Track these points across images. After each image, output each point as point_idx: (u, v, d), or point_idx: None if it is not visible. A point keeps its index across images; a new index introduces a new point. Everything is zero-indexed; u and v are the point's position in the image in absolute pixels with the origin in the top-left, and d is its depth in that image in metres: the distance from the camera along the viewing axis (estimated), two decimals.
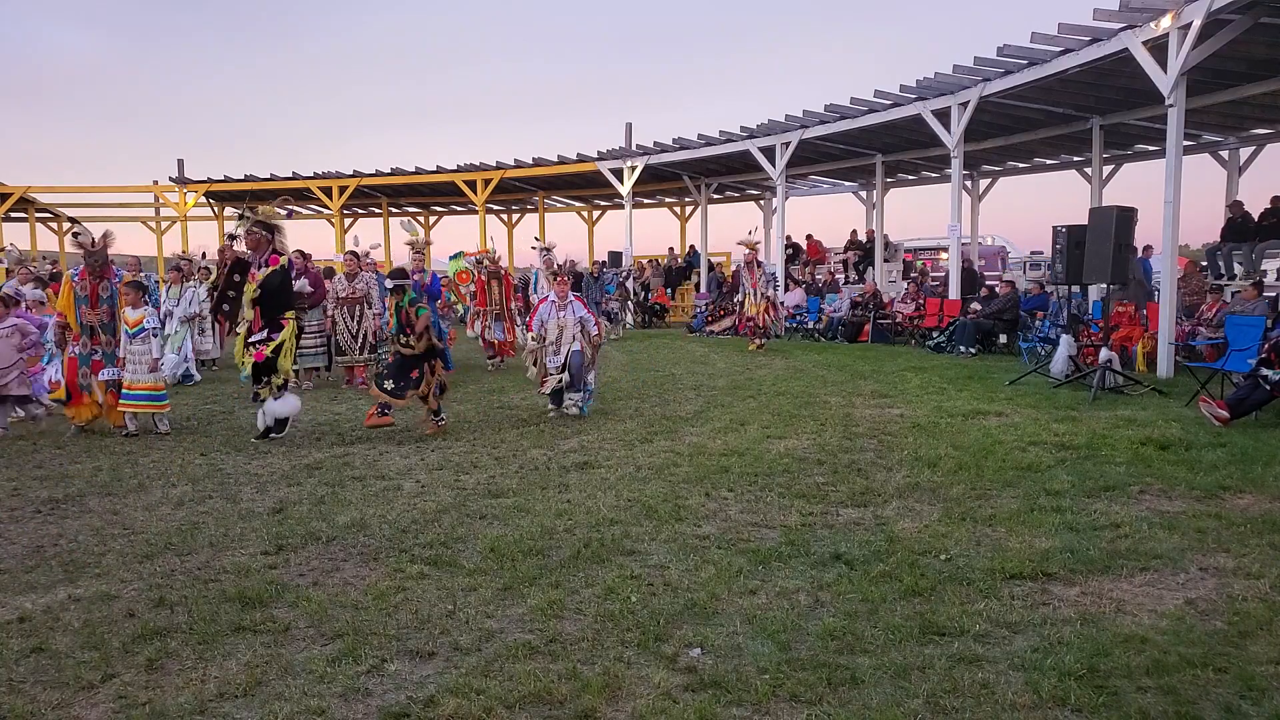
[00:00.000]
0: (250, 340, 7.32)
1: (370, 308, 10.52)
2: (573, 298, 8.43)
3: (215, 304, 7.85)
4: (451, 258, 15.26)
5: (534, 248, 16.62)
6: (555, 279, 8.78)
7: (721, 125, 26.81)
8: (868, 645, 3.30)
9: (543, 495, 5.49)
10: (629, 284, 20.65)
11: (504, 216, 28.05)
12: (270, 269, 7.27)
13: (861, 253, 21.11)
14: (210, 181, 23.79)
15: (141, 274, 10.16)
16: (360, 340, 10.57)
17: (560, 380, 8.17)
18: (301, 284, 9.07)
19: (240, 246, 7.75)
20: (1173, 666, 3.07)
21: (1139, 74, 10.56)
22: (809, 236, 22.89)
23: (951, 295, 14.93)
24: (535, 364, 8.40)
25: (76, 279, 7.88)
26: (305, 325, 10.03)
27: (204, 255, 13.11)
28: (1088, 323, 12.02)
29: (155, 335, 7.70)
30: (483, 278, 12.61)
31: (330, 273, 11.60)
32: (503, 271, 12.87)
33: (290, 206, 8.00)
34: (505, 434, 7.49)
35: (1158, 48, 10.09)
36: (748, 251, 13.84)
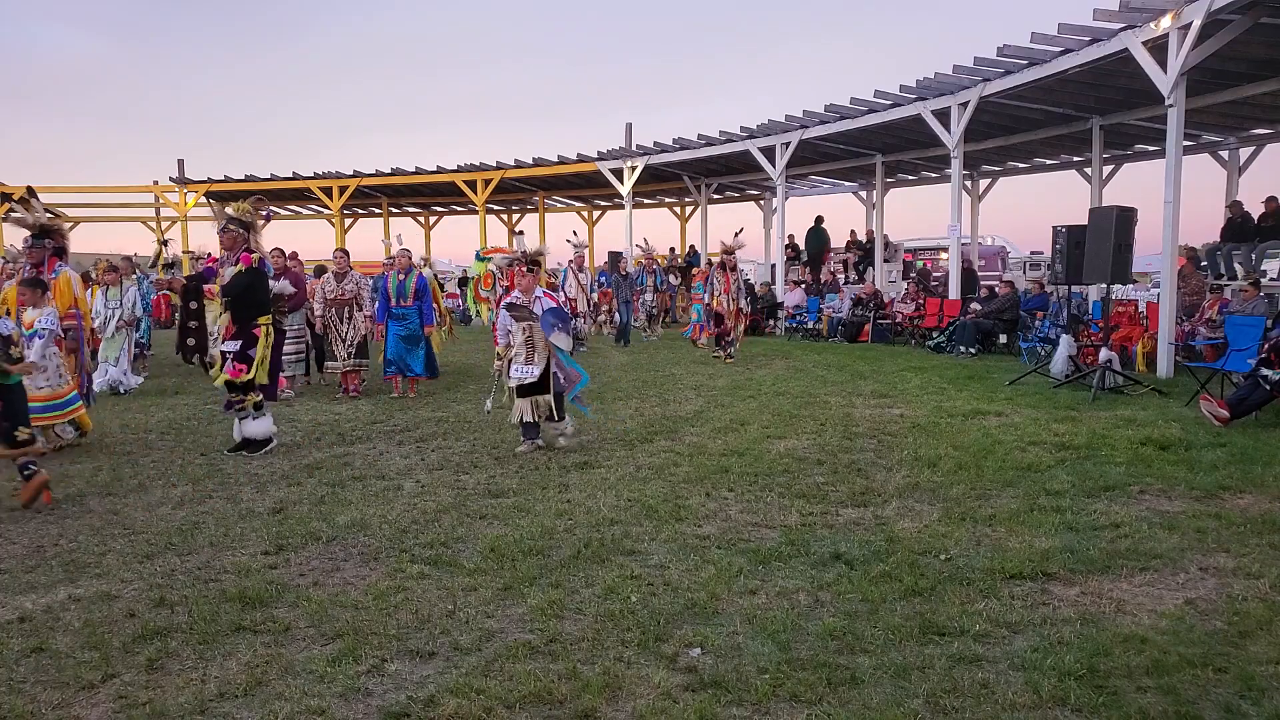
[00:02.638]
0: (223, 349, 6.90)
1: (360, 310, 9.89)
2: (540, 293, 6.85)
3: (179, 343, 7.21)
4: (478, 259, 14.71)
5: (569, 241, 16.42)
6: (509, 268, 7.31)
7: (721, 125, 26.82)
8: (868, 645, 3.30)
9: (543, 495, 5.49)
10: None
11: (504, 216, 28.07)
12: (238, 268, 6.74)
13: (861, 253, 21.12)
14: (210, 181, 23.80)
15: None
16: (350, 345, 9.88)
17: (534, 410, 6.75)
18: (282, 285, 8.55)
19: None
20: (1173, 666, 3.07)
21: (1139, 74, 10.57)
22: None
23: (951, 295, 14.94)
24: (500, 379, 6.91)
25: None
26: (286, 329, 9.65)
27: (209, 256, 12.95)
28: (1087, 323, 12.03)
29: (40, 337, 6.77)
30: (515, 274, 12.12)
31: (322, 271, 11.09)
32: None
33: (269, 208, 7.58)
34: (505, 434, 7.48)
35: (1158, 48, 10.09)
36: (732, 255, 12.87)
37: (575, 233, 16.34)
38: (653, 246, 18.28)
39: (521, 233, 7.69)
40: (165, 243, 11.27)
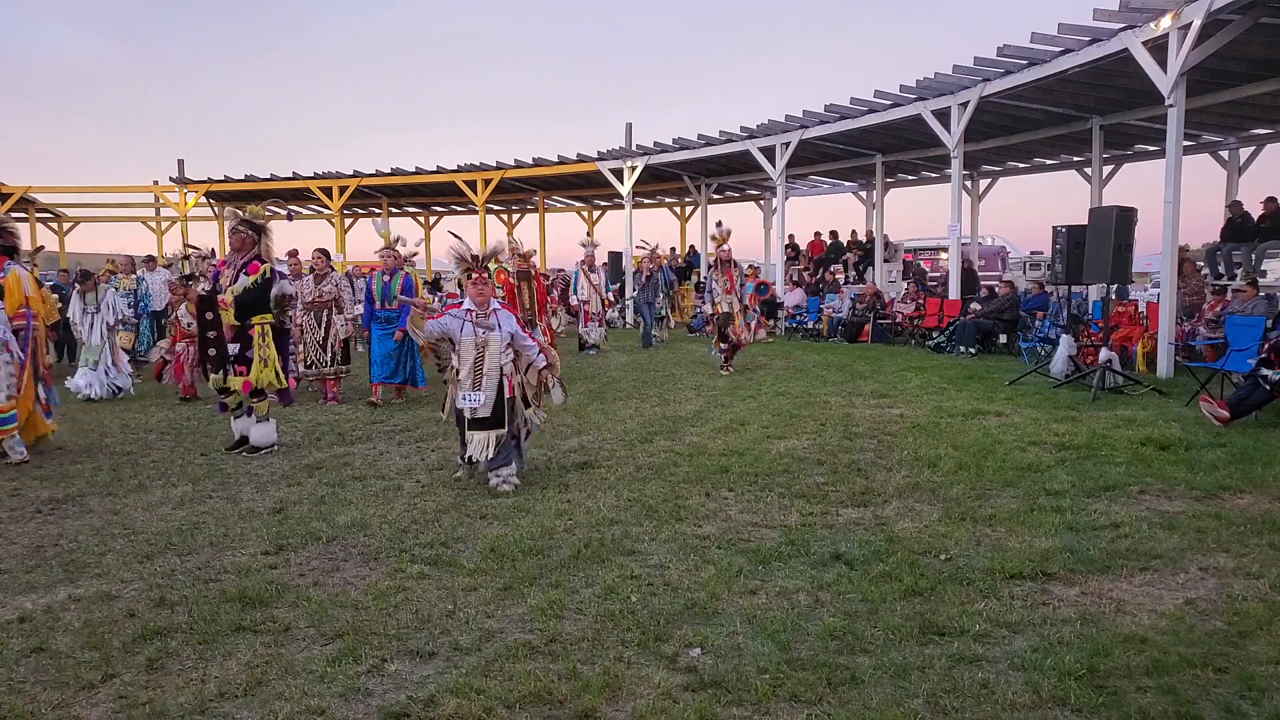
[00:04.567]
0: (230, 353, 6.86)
1: (340, 313, 9.44)
2: (497, 305, 5.84)
3: (200, 356, 7.22)
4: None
5: (583, 244, 16.17)
6: (471, 278, 5.81)
7: (721, 125, 26.84)
8: (868, 645, 3.30)
9: (543, 495, 5.49)
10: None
11: (504, 217, 28.08)
12: (250, 277, 6.72)
13: (861, 253, 21.12)
14: (210, 181, 23.79)
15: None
16: (329, 350, 9.39)
17: (493, 445, 5.71)
18: (282, 285, 8.22)
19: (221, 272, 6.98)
20: (1172, 666, 3.07)
21: (1139, 74, 10.57)
22: (817, 234, 22.77)
23: (951, 295, 14.94)
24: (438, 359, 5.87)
25: None
26: (288, 327, 9.35)
27: (213, 252, 12.79)
28: (1087, 323, 12.03)
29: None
30: (510, 279, 10.93)
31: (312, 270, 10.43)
32: (533, 271, 11.28)
33: (289, 207, 7.55)
34: None
35: (1158, 48, 10.10)
36: (725, 248, 11.33)
37: (588, 233, 16.17)
38: (655, 243, 17.66)
39: (457, 235, 6.46)
40: (188, 257, 11.07)
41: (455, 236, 6.18)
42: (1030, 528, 4.63)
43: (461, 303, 5.86)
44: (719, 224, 11.66)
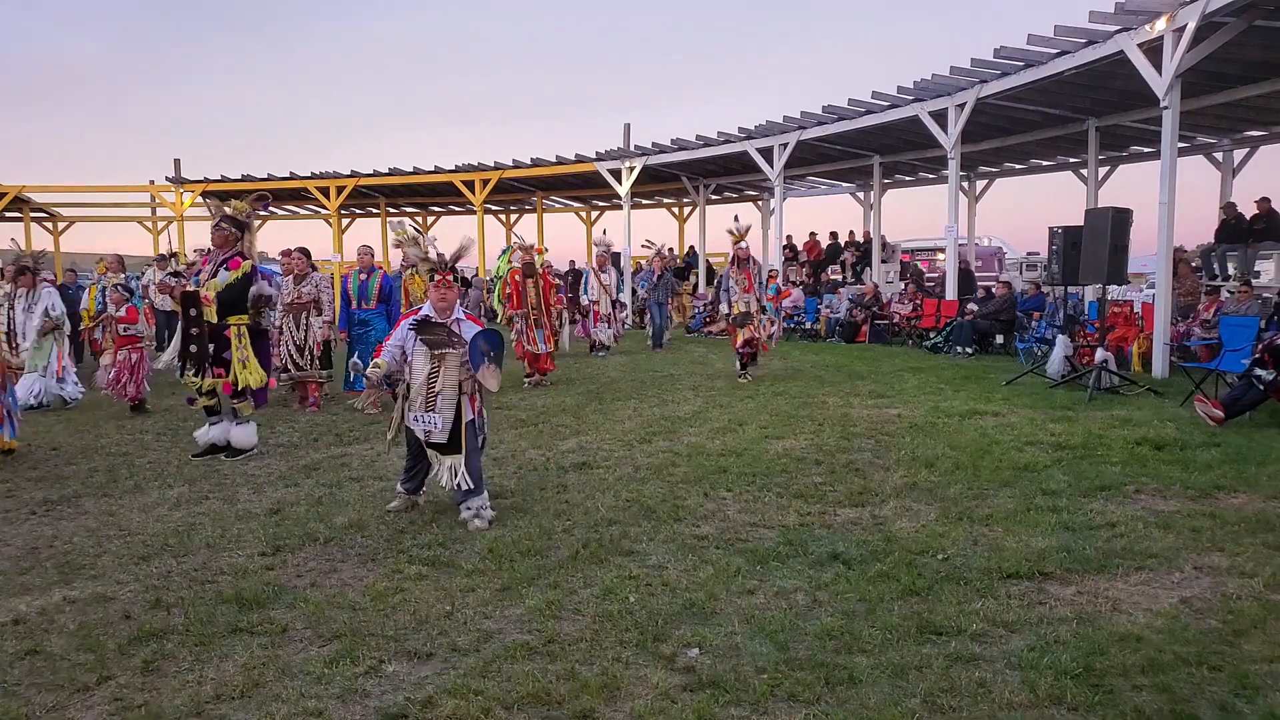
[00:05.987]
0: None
1: (320, 314, 9.09)
2: (461, 314, 5.18)
3: (182, 351, 7.02)
4: (501, 254, 13.37)
5: (598, 244, 16.05)
6: (434, 280, 5.16)
7: (720, 126, 26.86)
8: (865, 645, 3.31)
9: (541, 496, 5.49)
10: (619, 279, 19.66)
11: (502, 217, 28.06)
12: (231, 273, 6.64)
13: (859, 253, 21.14)
14: (207, 181, 23.73)
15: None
16: (306, 353, 9.06)
17: (433, 470, 5.10)
18: (259, 286, 7.99)
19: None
20: (1168, 665, 3.08)
21: (1134, 76, 10.59)
22: (812, 234, 22.83)
23: (948, 296, 14.96)
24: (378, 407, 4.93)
25: None
26: (267, 327, 9.13)
27: (204, 257, 12.70)
28: (1084, 323, 12.06)
29: None
30: (518, 277, 10.69)
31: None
32: (541, 268, 11.03)
33: (267, 205, 7.34)
34: (503, 435, 7.48)
35: (1152, 50, 10.12)
36: (743, 245, 10.71)
37: (605, 231, 15.96)
38: (663, 243, 17.24)
39: (417, 229, 6.64)
40: (174, 254, 10.97)
41: (413, 229, 5.76)
42: (1027, 527, 4.64)
43: (419, 310, 5.20)
44: (735, 218, 11.12)
